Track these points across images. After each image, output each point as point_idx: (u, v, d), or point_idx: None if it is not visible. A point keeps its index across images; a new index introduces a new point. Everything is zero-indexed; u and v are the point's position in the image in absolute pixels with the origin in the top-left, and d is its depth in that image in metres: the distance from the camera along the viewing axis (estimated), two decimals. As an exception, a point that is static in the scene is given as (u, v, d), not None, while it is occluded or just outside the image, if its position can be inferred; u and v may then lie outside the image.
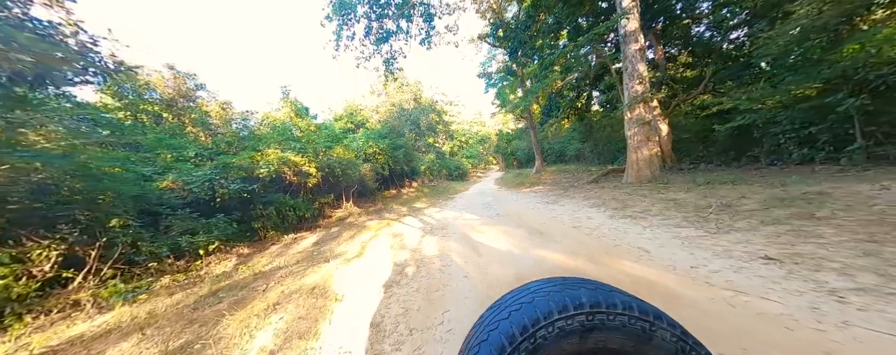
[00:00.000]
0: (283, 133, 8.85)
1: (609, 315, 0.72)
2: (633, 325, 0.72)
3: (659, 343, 0.72)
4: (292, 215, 8.53)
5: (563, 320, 0.71)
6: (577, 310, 0.72)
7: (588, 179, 10.75)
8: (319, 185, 10.27)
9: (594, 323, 0.71)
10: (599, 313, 0.72)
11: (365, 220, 9.82)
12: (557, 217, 6.08)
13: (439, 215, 8.95)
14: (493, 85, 24.17)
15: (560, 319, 0.71)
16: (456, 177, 26.97)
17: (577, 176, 12.21)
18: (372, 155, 14.09)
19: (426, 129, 25.47)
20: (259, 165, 7.18)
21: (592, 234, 4.39)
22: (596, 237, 4.23)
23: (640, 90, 7.53)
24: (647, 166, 7.65)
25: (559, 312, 0.72)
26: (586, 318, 0.71)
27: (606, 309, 0.72)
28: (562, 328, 0.71)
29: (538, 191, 11.20)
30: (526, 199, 9.81)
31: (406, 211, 10.94)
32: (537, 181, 13.99)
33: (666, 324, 0.74)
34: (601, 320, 0.71)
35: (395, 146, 15.92)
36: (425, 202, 12.74)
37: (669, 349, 0.73)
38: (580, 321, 0.71)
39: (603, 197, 7.14)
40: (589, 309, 0.72)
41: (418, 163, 21.35)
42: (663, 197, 5.85)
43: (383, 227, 7.95)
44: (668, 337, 0.73)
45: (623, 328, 0.71)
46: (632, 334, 0.72)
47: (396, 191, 17.52)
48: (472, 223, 6.88)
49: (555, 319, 0.71)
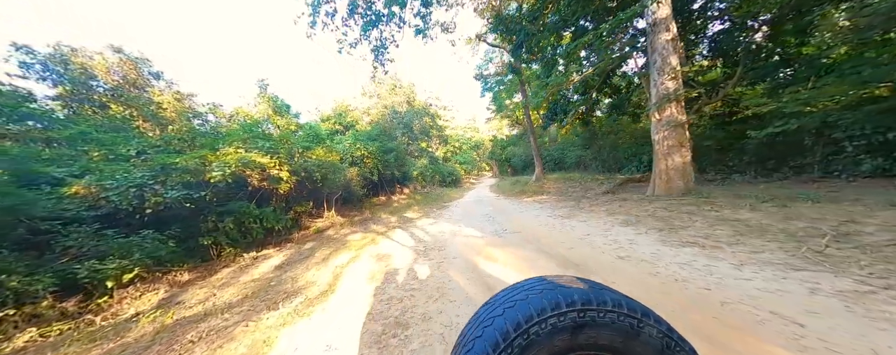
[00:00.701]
0: (251, 130, 7.30)
1: (599, 312, 0.72)
2: (622, 322, 0.72)
3: (646, 339, 0.73)
4: (257, 228, 6.96)
5: (555, 317, 0.71)
6: (570, 307, 0.72)
7: (600, 189, 9.49)
8: (296, 192, 8.71)
9: (585, 320, 0.71)
10: (590, 310, 0.72)
11: (347, 233, 8.29)
12: (586, 238, 4.72)
13: (434, 229, 7.51)
14: (489, 89, 23.02)
15: (553, 316, 0.71)
16: (449, 183, 25.55)
17: (584, 185, 10.96)
18: (359, 158, 12.59)
19: (419, 133, 24.09)
20: (211, 167, 5.62)
21: (657, 273, 3.03)
22: (667, 279, 2.87)
23: (672, 87, 6.32)
24: (680, 176, 6.41)
25: (552, 309, 0.72)
26: (578, 315, 0.72)
27: (597, 307, 0.72)
28: (554, 325, 0.71)
29: (544, 202, 9.88)
30: (533, 211, 8.45)
31: (396, 221, 9.45)
32: (539, 189, 12.70)
33: (653, 321, 0.74)
34: (592, 317, 0.72)
35: (385, 149, 14.46)
36: (417, 211, 11.27)
37: (656, 345, 0.74)
38: (572, 318, 0.71)
39: (633, 212, 5.83)
40: (581, 307, 0.72)
41: (410, 168, 19.88)
42: (719, 215, 4.56)
43: (367, 244, 6.46)
44: (655, 333, 0.74)
45: (612, 325, 0.72)
46: (621, 330, 0.72)
47: (386, 198, 16.00)
48: (475, 243, 5.47)
49: (548, 316, 0.71)
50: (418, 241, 6.26)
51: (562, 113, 11.57)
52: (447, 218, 9.26)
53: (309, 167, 8.11)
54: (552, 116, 12.25)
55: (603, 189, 9.31)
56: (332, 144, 12.89)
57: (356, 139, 12.92)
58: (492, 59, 21.62)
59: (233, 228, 6.35)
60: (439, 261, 4.65)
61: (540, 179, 15.02)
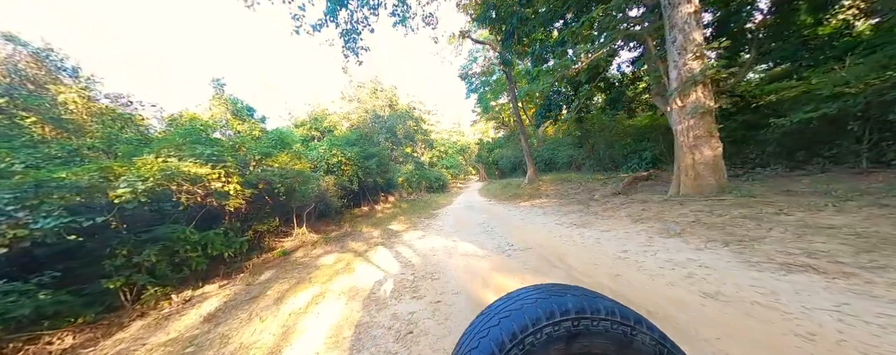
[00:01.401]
0: (190, 135, 5.73)
1: (593, 320, 0.71)
2: (615, 330, 0.71)
3: (639, 346, 0.71)
4: (198, 257, 5.36)
5: (550, 326, 0.70)
6: (564, 316, 0.71)
7: (605, 190, 8.41)
8: (254, 207, 7.13)
9: (579, 328, 0.70)
10: (584, 318, 0.71)
11: (319, 255, 6.78)
12: (625, 257, 3.51)
13: (424, 245, 6.14)
14: (474, 90, 21.99)
15: (548, 325, 0.70)
16: (437, 188, 24.20)
17: (584, 186, 9.90)
18: (336, 165, 11.07)
19: (403, 138, 22.68)
20: (115, 184, 4.05)
21: (812, 336, 1.82)
22: (820, 342, 1.66)
23: (696, 67, 5.30)
24: (711, 171, 5.36)
25: (547, 318, 0.71)
26: (572, 324, 0.70)
27: (591, 315, 0.71)
28: (549, 334, 0.70)
29: (545, 207, 8.71)
30: (536, 218, 7.24)
31: (378, 236, 8.00)
32: (535, 192, 11.57)
33: (645, 328, 0.73)
34: (586, 325, 0.70)
35: (366, 154, 12.98)
36: (403, 222, 9.85)
37: (649, 352, 0.72)
38: (566, 327, 0.70)
39: (666, 217, 4.70)
40: (575, 315, 0.71)
41: (395, 175, 18.41)
42: (797, 221, 3.46)
43: (340, 271, 5.01)
44: (648, 340, 0.72)
45: (606, 333, 0.71)
46: (614, 339, 0.71)
47: (369, 208, 14.45)
48: (478, 267, 4.15)
49: (543, 325, 0.70)
50: (405, 265, 4.87)
51: (556, 109, 10.52)
52: (438, 229, 7.90)
53: (268, 177, 6.57)
54: (545, 113, 11.21)
55: (609, 190, 8.24)
56: (305, 150, 11.32)
57: (332, 144, 11.40)
58: (476, 59, 20.63)
59: (158, 261, 4.74)
60: (434, 299, 3.29)
61: (533, 181, 13.93)
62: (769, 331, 1.84)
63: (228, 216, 6.81)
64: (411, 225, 9.31)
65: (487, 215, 9.17)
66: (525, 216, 7.83)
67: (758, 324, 1.92)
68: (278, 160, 7.11)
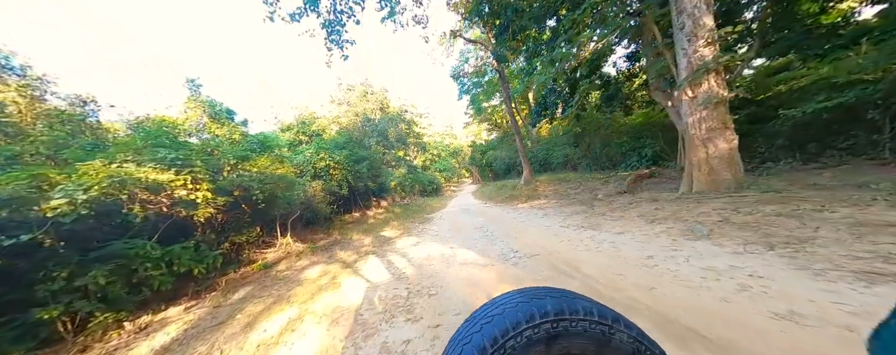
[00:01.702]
0: (152, 137, 5.06)
1: (572, 321, 0.71)
2: (593, 330, 0.71)
3: (617, 345, 0.72)
4: (161, 276, 4.68)
5: (530, 329, 0.70)
6: (543, 319, 0.71)
7: (607, 190, 7.98)
8: (231, 217, 6.45)
9: (559, 330, 0.71)
10: (563, 320, 0.71)
11: (303, 268, 6.13)
12: (652, 264, 3.00)
13: (419, 253, 5.57)
14: (466, 91, 21.58)
15: (527, 328, 0.71)
16: (430, 192, 23.62)
17: (584, 185, 9.47)
18: (324, 169, 10.41)
19: (395, 141, 22.07)
20: (50, 194, 3.38)
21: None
22: None
23: (708, 54, 4.90)
24: (727, 166, 4.94)
25: (527, 321, 0.71)
26: (552, 326, 0.71)
27: (570, 316, 0.71)
28: (529, 337, 0.70)
29: (545, 208, 8.22)
30: (538, 220, 6.74)
31: (369, 244, 7.38)
32: (533, 193, 11.10)
33: (623, 327, 0.73)
34: (565, 327, 0.71)
35: (356, 158, 12.34)
36: (397, 228, 9.24)
37: (627, 350, 0.72)
38: (546, 329, 0.70)
39: (685, 216, 4.24)
40: (554, 317, 0.71)
41: (387, 179, 17.77)
42: (842, 217, 3.02)
43: (324, 287, 4.39)
44: (626, 338, 0.72)
45: (585, 333, 0.71)
46: (593, 338, 0.71)
47: (361, 214, 13.77)
48: (481, 278, 3.60)
49: (523, 329, 0.71)
50: (398, 278, 4.28)
51: (552, 107, 10.11)
52: (433, 235, 7.33)
53: (245, 183, 5.91)
54: (541, 112, 10.79)
55: (612, 188, 7.81)
56: (291, 154, 10.63)
57: (319, 147, 10.73)
58: (468, 59, 20.24)
59: (110, 283, 4.04)
60: (433, 322, 2.72)
61: (529, 182, 13.49)
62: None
63: (201, 227, 6.11)
64: (405, 230, 8.71)
65: (485, 218, 8.63)
66: (525, 218, 7.32)
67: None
68: (257, 164, 6.45)
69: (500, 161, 24.12)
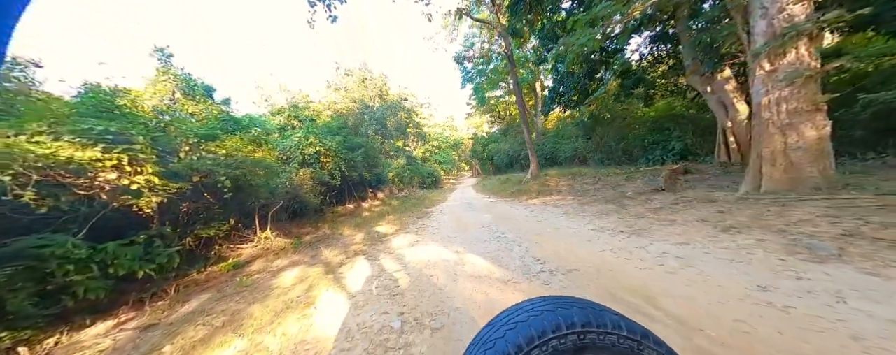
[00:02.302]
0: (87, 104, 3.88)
1: (599, 334, 0.69)
2: (621, 345, 0.69)
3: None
4: (90, 280, 3.60)
5: (556, 339, 0.68)
6: (570, 330, 0.69)
7: (639, 186, 6.88)
8: (195, 207, 5.32)
9: (585, 342, 0.69)
10: (590, 332, 0.69)
11: (279, 269, 5.06)
12: (790, 308, 1.93)
13: (417, 257, 4.49)
14: (470, 79, 20.24)
15: (553, 338, 0.69)
16: (429, 184, 22.51)
17: (604, 181, 8.37)
18: (313, 156, 9.25)
19: (394, 130, 20.82)
20: None
21: None
22: None
23: (799, 13, 3.73)
24: (813, 159, 3.83)
25: (553, 331, 0.69)
26: (578, 337, 0.69)
27: (597, 328, 0.69)
28: (555, 347, 0.68)
29: (561, 205, 7.14)
30: (558, 221, 5.65)
31: (360, 242, 6.31)
32: (544, 188, 10.01)
33: (652, 343, 0.70)
34: (592, 339, 0.69)
35: (351, 145, 11.16)
36: (393, 223, 8.15)
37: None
38: (572, 340, 0.68)
39: (783, 226, 3.15)
40: (581, 328, 0.69)
41: (385, 170, 16.62)
42: None
43: (294, 304, 3.30)
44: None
45: (613, 347, 0.69)
46: (621, 353, 0.69)
47: (356, 206, 12.67)
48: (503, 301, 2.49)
49: (548, 338, 0.69)
50: (391, 294, 3.20)
51: (569, 92, 8.93)
52: (434, 232, 6.25)
53: (210, 167, 4.75)
54: (556, 97, 9.60)
55: (643, 185, 6.72)
56: (279, 139, 9.43)
57: (309, 132, 9.54)
58: (473, 44, 18.86)
59: (12, 292, 2.94)
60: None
61: (537, 176, 12.38)
62: None
63: (157, 218, 4.97)
64: (401, 226, 7.63)
65: (492, 215, 7.55)
66: (541, 217, 6.23)
67: None
68: (226, 146, 5.28)
69: (502, 154, 22.98)
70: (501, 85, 22.94)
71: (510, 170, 22.10)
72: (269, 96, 15.28)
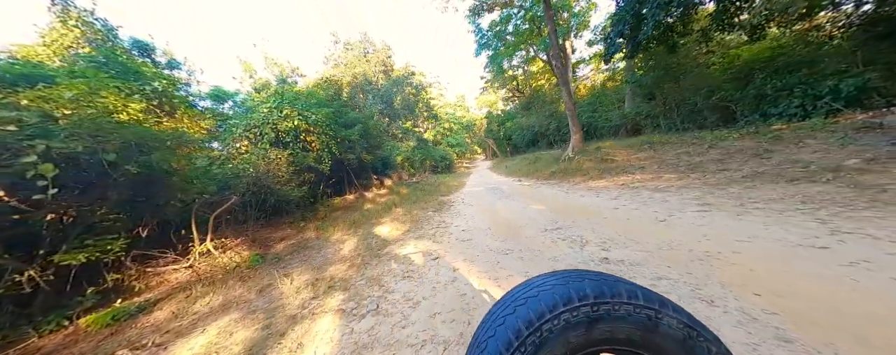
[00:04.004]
0: None
1: (614, 305, 0.65)
2: (638, 314, 0.65)
3: (665, 330, 0.65)
4: None
5: (567, 312, 0.65)
6: (582, 302, 0.65)
7: (822, 152, 3.92)
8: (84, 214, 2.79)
9: (599, 313, 0.65)
10: (604, 303, 0.65)
11: (192, 323, 2.54)
12: None
13: (443, 302, 1.79)
14: (486, 45, 16.89)
15: (565, 311, 0.65)
16: (443, 168, 19.80)
17: (720, 148, 5.37)
18: (291, 133, 6.65)
19: (402, 109, 17.95)
20: None
21: None
22: None
23: None
24: None
25: (564, 304, 0.66)
26: (591, 309, 0.65)
27: (611, 299, 0.65)
28: (567, 320, 0.65)
29: (670, 189, 4.31)
30: (712, 221, 2.84)
31: (348, 258, 3.77)
32: (606, 166, 7.11)
33: (671, 311, 0.66)
34: (606, 310, 0.65)
35: (347, 121, 8.48)
36: (400, 221, 5.54)
37: (677, 336, 0.66)
38: (585, 312, 0.65)
39: None
40: (593, 300, 0.65)
41: (392, 153, 13.98)
42: None
43: None
44: (675, 324, 0.65)
45: (629, 317, 0.65)
46: (638, 323, 0.65)
47: (357, 196, 10.18)
48: None
49: (560, 311, 0.65)
50: None
51: (653, 23, 5.78)
52: (461, 239, 3.63)
53: (85, 146, 2.15)
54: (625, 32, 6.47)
55: (829, 149, 3.74)
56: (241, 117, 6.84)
57: (283, 101, 6.88)
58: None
59: None
60: None
61: (582, 151, 9.42)
62: None
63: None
64: (412, 225, 5.04)
65: (545, 206, 4.82)
66: (653, 211, 3.43)
67: None
68: (58, 94, 2.66)
69: (524, 131, 19.81)
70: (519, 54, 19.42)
71: (532, 149, 19.02)
72: (254, 72, 12.64)
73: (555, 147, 15.51)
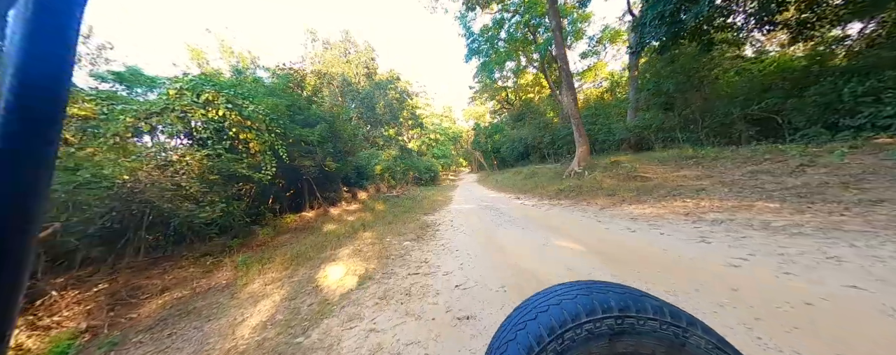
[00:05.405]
0: None
1: (639, 319, 0.61)
2: (664, 331, 0.61)
3: (693, 350, 0.61)
4: None
5: (590, 323, 0.62)
6: (606, 314, 0.62)
7: None
8: None
9: (624, 326, 0.61)
10: (629, 317, 0.61)
11: None
12: None
13: None
14: (477, 51, 15.53)
15: (588, 322, 0.62)
16: (426, 181, 17.87)
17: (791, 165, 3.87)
18: (211, 128, 4.56)
19: (385, 115, 16.06)
20: None
21: None
22: None
23: None
24: None
25: (587, 315, 0.63)
26: (615, 322, 0.62)
27: (636, 314, 0.62)
28: (590, 331, 0.62)
29: (775, 224, 2.65)
30: None
31: (247, 343, 1.64)
32: (634, 185, 5.49)
33: (700, 331, 0.62)
34: (631, 324, 0.61)
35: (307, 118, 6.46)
36: (362, 256, 3.48)
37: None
38: (609, 324, 0.62)
39: None
40: (618, 313, 0.62)
41: (370, 161, 11.94)
42: None
43: None
44: (704, 344, 0.61)
45: (654, 333, 0.61)
46: (664, 340, 0.61)
47: (320, 212, 8.01)
48: None
49: (582, 321, 0.62)
50: None
51: (699, 12, 4.34)
52: (454, 323, 1.61)
53: None
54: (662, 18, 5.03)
55: None
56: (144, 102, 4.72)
57: (205, 84, 4.83)
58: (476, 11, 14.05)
59: None
60: None
61: (587, 166, 7.85)
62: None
63: None
64: (379, 264, 3.03)
65: (580, 245, 3.00)
66: (839, 275, 1.68)
67: None
68: None
69: (513, 144, 18.38)
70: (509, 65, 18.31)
71: (523, 163, 17.56)
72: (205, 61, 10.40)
73: (548, 161, 14.08)
